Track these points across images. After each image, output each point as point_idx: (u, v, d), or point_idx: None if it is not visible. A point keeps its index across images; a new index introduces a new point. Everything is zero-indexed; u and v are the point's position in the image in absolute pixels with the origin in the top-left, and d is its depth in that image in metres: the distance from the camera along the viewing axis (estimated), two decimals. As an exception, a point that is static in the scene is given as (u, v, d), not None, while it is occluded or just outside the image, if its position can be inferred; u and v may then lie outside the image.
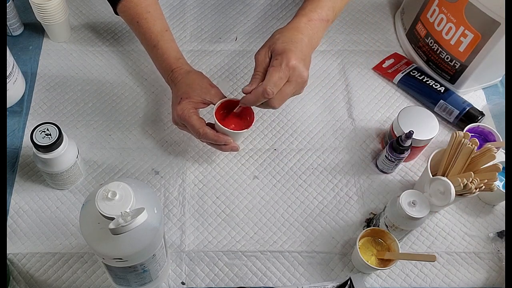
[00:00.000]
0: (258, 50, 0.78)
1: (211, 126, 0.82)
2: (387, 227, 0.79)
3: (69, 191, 0.86)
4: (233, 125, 0.82)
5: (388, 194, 0.88)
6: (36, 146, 0.75)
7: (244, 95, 0.77)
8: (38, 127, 0.76)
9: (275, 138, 0.93)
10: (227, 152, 0.89)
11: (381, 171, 0.90)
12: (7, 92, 0.89)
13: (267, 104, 0.76)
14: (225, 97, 0.84)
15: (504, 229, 0.84)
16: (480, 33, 0.88)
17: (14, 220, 0.82)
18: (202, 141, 0.84)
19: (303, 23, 0.80)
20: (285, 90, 0.75)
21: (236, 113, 0.82)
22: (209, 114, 0.91)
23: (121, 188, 0.56)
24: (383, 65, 1.03)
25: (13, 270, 0.78)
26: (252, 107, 0.80)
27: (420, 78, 0.99)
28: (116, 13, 0.91)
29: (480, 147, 0.79)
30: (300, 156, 0.92)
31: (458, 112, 0.94)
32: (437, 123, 0.86)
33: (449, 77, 0.98)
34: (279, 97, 0.75)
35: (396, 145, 0.84)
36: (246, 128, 0.81)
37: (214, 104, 0.82)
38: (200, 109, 0.84)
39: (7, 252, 0.79)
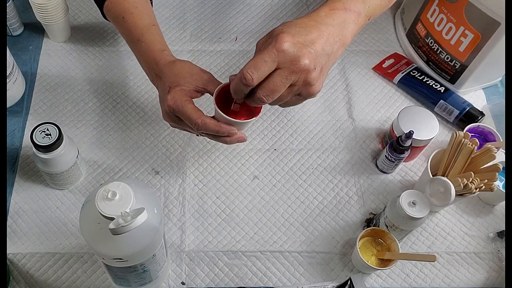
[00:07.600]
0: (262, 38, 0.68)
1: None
2: (387, 227, 0.79)
3: (69, 191, 0.86)
4: (237, 113, 0.70)
5: (388, 194, 0.88)
6: (36, 146, 0.75)
7: None
8: (38, 127, 0.76)
9: (275, 138, 0.93)
10: (228, 151, 0.89)
11: (381, 171, 0.90)
12: (7, 92, 0.89)
13: (255, 98, 0.64)
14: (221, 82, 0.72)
15: (504, 229, 0.84)
16: (480, 33, 0.88)
17: (14, 220, 0.82)
18: (202, 135, 0.73)
19: (324, 12, 0.67)
20: (274, 79, 0.62)
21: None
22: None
23: (121, 188, 0.56)
24: (383, 65, 1.03)
25: (13, 270, 0.78)
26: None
27: (420, 78, 0.99)
28: (103, 15, 0.86)
29: (480, 147, 0.79)
30: (300, 156, 0.91)
31: (458, 112, 0.94)
32: (437, 123, 0.86)
33: (449, 77, 0.98)
34: (266, 87, 0.63)
35: (396, 145, 0.84)
36: (253, 116, 0.70)
37: (209, 92, 0.72)
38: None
39: (7, 252, 0.79)
